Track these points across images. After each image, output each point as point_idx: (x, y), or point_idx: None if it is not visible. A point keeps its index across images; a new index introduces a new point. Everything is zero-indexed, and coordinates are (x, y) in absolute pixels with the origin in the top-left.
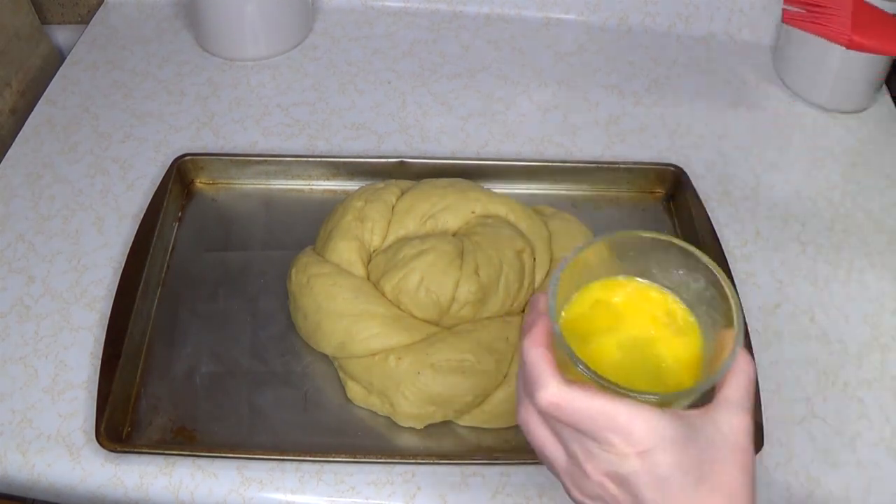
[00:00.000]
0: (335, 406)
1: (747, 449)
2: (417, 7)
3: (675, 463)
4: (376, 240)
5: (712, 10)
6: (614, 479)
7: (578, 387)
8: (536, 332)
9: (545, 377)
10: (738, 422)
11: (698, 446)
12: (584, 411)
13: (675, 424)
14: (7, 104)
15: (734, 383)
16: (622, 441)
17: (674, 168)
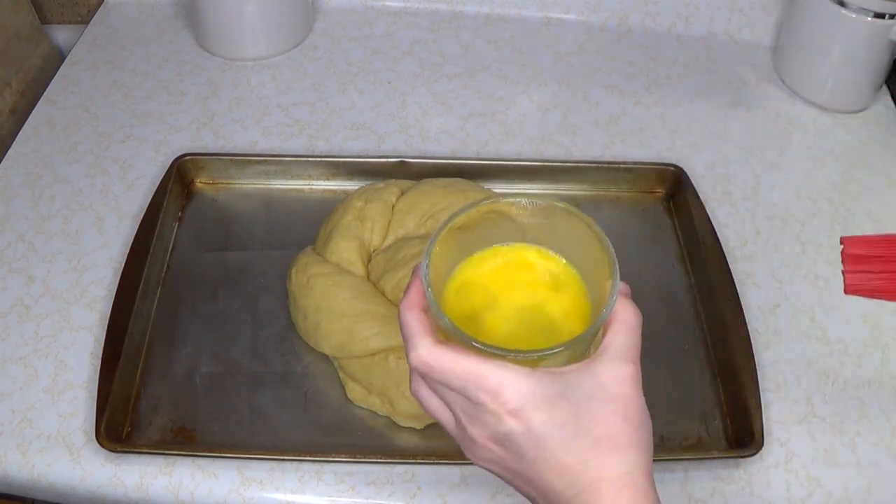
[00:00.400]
0: (335, 406)
1: (630, 397)
2: (417, 7)
3: (549, 419)
4: (376, 239)
5: (712, 10)
6: (496, 441)
7: (449, 347)
8: (411, 294)
9: (416, 337)
10: (618, 371)
11: (574, 401)
12: (454, 371)
13: (545, 382)
14: (7, 104)
15: (615, 334)
16: (493, 401)
17: (674, 168)
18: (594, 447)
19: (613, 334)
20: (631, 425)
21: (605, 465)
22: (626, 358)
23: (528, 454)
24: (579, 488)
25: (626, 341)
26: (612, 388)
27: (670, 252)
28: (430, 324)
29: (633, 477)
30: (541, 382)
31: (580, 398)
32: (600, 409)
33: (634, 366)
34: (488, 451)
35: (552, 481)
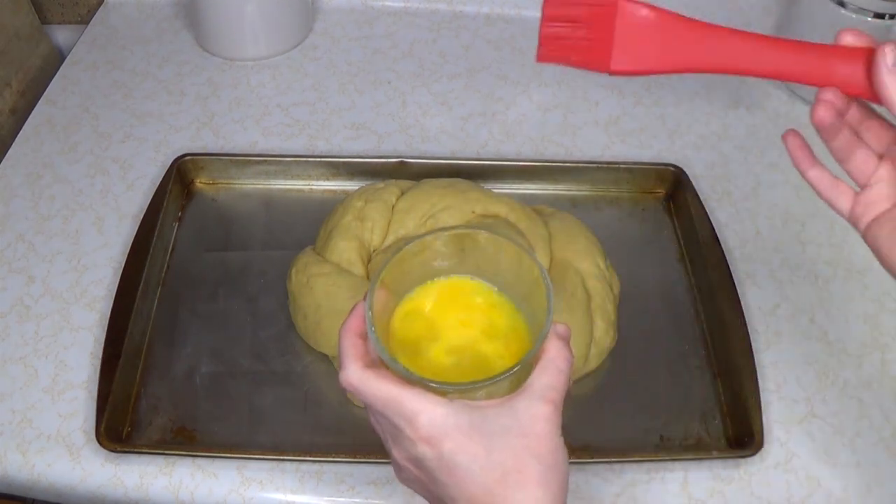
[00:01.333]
0: (335, 406)
1: (542, 435)
2: (417, 7)
3: (461, 450)
4: (376, 239)
5: (713, 9)
6: (413, 463)
7: (374, 372)
8: (351, 318)
9: (347, 360)
10: (535, 410)
11: (488, 433)
12: (375, 395)
13: (460, 413)
14: (7, 104)
15: (539, 373)
16: (409, 427)
17: (674, 168)
18: (501, 480)
19: (538, 373)
20: (542, 463)
21: (510, 499)
22: (545, 398)
23: (440, 479)
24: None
25: (549, 381)
26: (527, 424)
27: (670, 252)
28: (364, 349)
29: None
30: (455, 413)
31: (494, 431)
32: (512, 443)
33: (554, 406)
34: (408, 472)
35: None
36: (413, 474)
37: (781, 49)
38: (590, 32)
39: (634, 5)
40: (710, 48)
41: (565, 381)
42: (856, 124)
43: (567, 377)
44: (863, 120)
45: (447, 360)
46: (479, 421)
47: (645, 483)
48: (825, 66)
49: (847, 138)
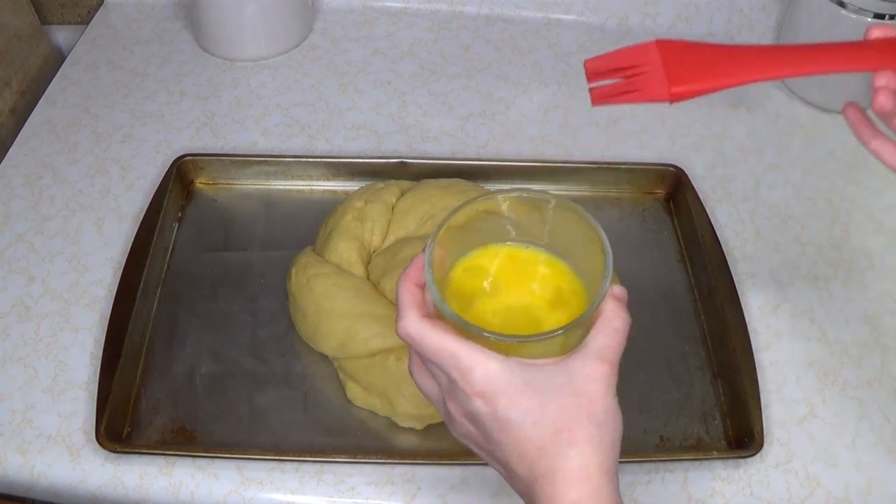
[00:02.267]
0: (335, 406)
1: (597, 395)
2: (417, 7)
3: (514, 406)
4: (376, 240)
5: (712, 10)
6: (467, 417)
7: (432, 323)
8: (410, 268)
9: (404, 309)
10: (590, 369)
11: (542, 391)
12: (432, 346)
13: (515, 370)
14: (7, 104)
15: (596, 332)
16: (463, 380)
17: (674, 168)
18: (553, 437)
19: (595, 333)
20: (593, 422)
21: (561, 455)
22: (601, 357)
23: (493, 435)
24: (536, 475)
25: (605, 341)
26: (580, 383)
27: (670, 252)
28: (422, 299)
29: (588, 471)
30: (510, 369)
31: (548, 389)
32: (565, 402)
33: (609, 366)
34: (463, 427)
35: (514, 463)
36: (466, 429)
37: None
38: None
39: (668, 42)
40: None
41: (621, 342)
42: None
43: (623, 338)
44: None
45: (497, 318)
46: (534, 378)
47: (645, 483)
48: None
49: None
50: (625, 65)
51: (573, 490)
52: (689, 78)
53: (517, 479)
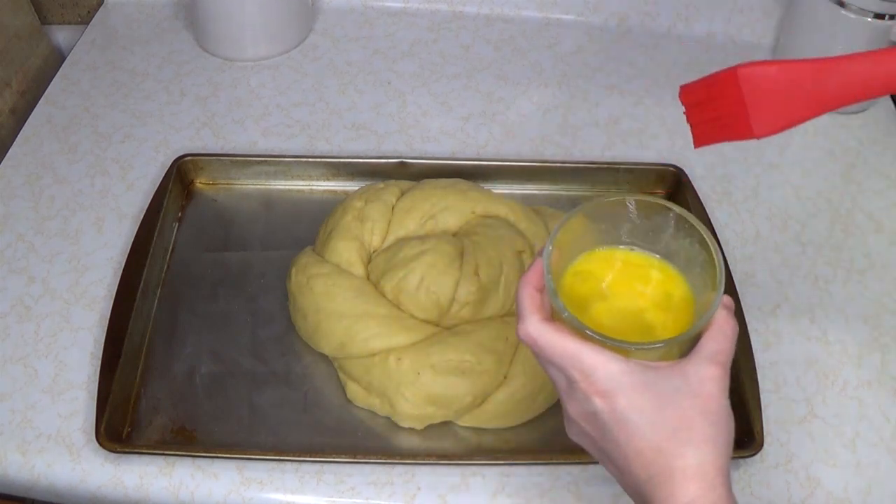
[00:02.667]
0: (335, 406)
1: (712, 396)
2: (417, 7)
3: (633, 406)
4: (376, 240)
5: (712, 10)
6: (585, 418)
7: (554, 326)
8: (531, 272)
9: (526, 313)
10: (705, 371)
11: (659, 392)
12: (553, 349)
13: (635, 371)
14: (7, 104)
15: (709, 339)
16: (584, 381)
17: (674, 168)
18: (671, 437)
19: (707, 339)
20: (708, 421)
21: (678, 454)
22: (714, 360)
23: (611, 434)
24: (652, 473)
25: (717, 347)
26: (696, 385)
27: None
28: (541, 302)
29: (704, 469)
30: (630, 370)
31: (665, 390)
32: (682, 402)
33: (722, 369)
34: (579, 427)
35: (630, 463)
36: (583, 429)
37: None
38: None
39: (753, 67)
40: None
41: (732, 348)
42: None
43: (733, 344)
44: None
45: (611, 322)
46: (652, 380)
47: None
48: None
49: None
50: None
51: (691, 488)
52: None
53: (632, 478)
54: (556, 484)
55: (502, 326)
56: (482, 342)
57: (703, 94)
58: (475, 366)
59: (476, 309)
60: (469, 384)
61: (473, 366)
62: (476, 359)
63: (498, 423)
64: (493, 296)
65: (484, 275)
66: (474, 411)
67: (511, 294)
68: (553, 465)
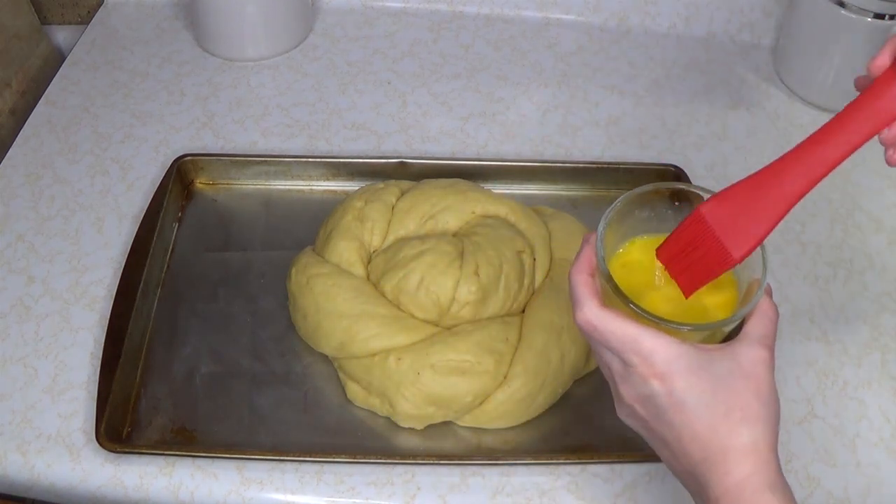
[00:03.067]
0: (335, 406)
1: (762, 377)
2: (417, 7)
3: (689, 387)
4: (376, 240)
5: (712, 10)
6: (640, 401)
7: (612, 311)
8: (582, 259)
9: (584, 299)
10: (753, 354)
11: (714, 375)
12: (614, 333)
13: (691, 354)
14: (7, 104)
15: (754, 323)
16: (643, 363)
17: (674, 168)
18: (725, 417)
19: (754, 323)
20: (760, 401)
21: (733, 433)
22: (763, 343)
23: (666, 416)
24: (707, 453)
25: (764, 330)
26: (747, 367)
27: None
28: (596, 288)
29: (758, 446)
30: (687, 353)
31: (719, 373)
32: (735, 384)
33: (769, 351)
34: (632, 410)
35: (685, 444)
36: (637, 412)
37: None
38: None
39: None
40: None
41: (775, 330)
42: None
43: (776, 326)
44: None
45: (661, 307)
46: (707, 362)
47: (645, 483)
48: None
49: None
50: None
51: (746, 464)
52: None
53: (686, 459)
54: (556, 484)
55: (502, 326)
56: (482, 342)
57: (677, 246)
58: (475, 366)
59: (476, 309)
60: (469, 384)
61: (473, 366)
62: (476, 359)
63: (498, 423)
64: (493, 296)
65: (484, 275)
66: (474, 411)
67: (511, 294)
68: (553, 465)
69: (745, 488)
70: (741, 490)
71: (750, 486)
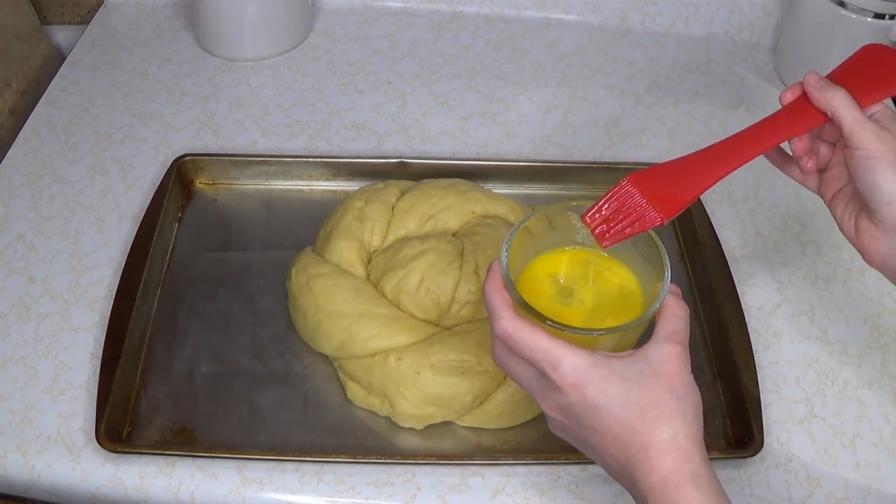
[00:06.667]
0: (335, 406)
1: (674, 372)
2: (417, 7)
3: (601, 393)
4: (376, 240)
5: (712, 10)
6: (560, 411)
7: (526, 322)
8: (493, 273)
9: (500, 310)
10: (663, 351)
11: (625, 378)
12: (527, 343)
13: (600, 361)
14: (7, 104)
15: (662, 322)
16: (554, 373)
17: None
18: (641, 416)
19: (662, 323)
20: (675, 396)
21: (651, 431)
22: (672, 339)
23: (586, 423)
24: (630, 453)
25: (672, 327)
26: (657, 364)
27: (670, 252)
28: (510, 301)
29: (678, 441)
30: (596, 361)
31: (630, 375)
32: (647, 383)
33: (680, 346)
34: (558, 422)
35: (609, 447)
36: (562, 423)
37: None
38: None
39: (638, 174)
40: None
41: (685, 326)
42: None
43: (687, 323)
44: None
45: (569, 317)
46: (617, 367)
47: None
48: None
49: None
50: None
51: (668, 459)
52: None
53: (613, 461)
54: (556, 484)
55: None
56: (482, 342)
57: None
58: (475, 366)
59: (476, 309)
60: (469, 384)
61: (473, 366)
62: (476, 359)
63: (498, 423)
64: None
65: (483, 273)
66: (474, 411)
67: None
68: (553, 465)
69: (669, 483)
70: (665, 485)
71: (673, 481)
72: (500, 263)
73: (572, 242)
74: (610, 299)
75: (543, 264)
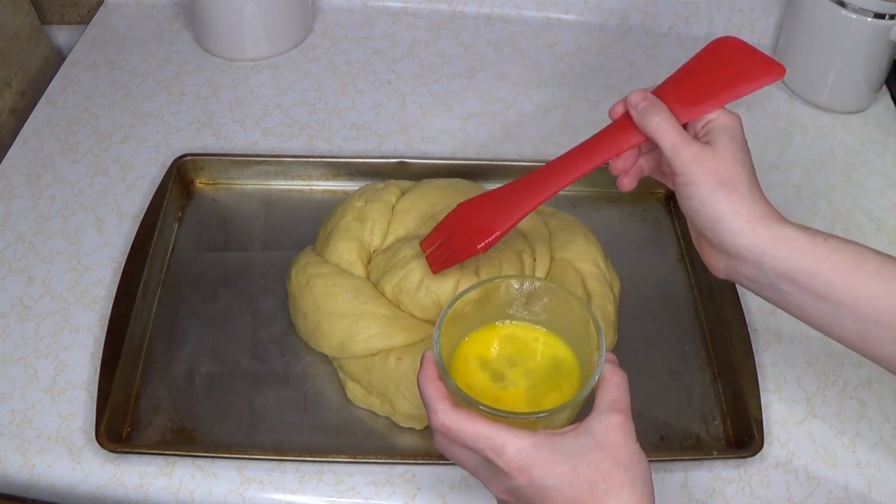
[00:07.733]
0: (335, 406)
1: (619, 443)
2: (417, 7)
3: (549, 473)
4: (376, 240)
5: (712, 10)
6: (510, 494)
7: (464, 412)
8: (426, 365)
9: (436, 403)
10: (606, 423)
11: (570, 455)
12: (467, 432)
13: (543, 441)
14: (7, 104)
15: (603, 393)
16: (500, 459)
17: None
18: (591, 492)
19: (602, 394)
20: (622, 468)
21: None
22: (613, 409)
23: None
24: None
25: (613, 397)
26: (602, 437)
27: (670, 252)
28: (445, 391)
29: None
30: (539, 442)
31: (575, 451)
32: (593, 457)
33: (623, 415)
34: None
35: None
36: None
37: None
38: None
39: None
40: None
41: (626, 395)
42: None
43: (626, 391)
44: None
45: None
46: (561, 445)
47: None
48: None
49: None
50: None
51: None
52: (486, 230)
53: None
54: None
55: None
56: None
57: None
58: None
59: None
60: None
61: None
62: None
63: None
64: None
65: (484, 275)
66: None
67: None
68: None
69: None
70: None
71: None
72: (432, 352)
73: (505, 317)
74: (547, 374)
75: (476, 344)
